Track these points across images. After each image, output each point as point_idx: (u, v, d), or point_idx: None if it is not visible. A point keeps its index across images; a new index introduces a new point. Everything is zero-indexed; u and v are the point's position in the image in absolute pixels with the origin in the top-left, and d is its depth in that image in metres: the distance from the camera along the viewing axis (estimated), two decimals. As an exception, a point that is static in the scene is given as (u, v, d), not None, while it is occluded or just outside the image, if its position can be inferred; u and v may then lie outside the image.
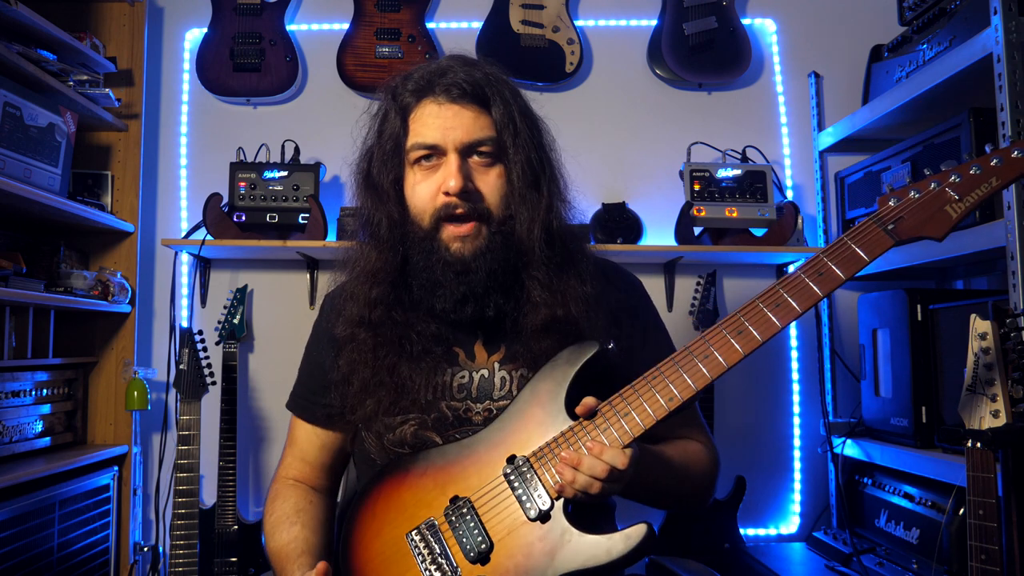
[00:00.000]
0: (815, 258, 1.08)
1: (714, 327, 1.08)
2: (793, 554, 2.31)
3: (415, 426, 1.20)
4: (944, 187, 1.09)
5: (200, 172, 2.59)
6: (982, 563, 1.28)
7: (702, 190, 2.39)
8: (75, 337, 2.38)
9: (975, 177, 1.08)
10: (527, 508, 1.06)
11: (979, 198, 1.08)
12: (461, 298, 1.19)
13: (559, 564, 1.03)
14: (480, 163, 1.20)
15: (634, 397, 1.07)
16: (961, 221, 1.08)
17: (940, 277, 2.47)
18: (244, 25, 2.52)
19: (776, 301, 1.07)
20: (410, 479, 1.15)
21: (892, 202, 1.10)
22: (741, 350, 1.05)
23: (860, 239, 1.08)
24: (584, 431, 1.08)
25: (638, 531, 1.02)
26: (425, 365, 1.20)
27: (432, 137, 1.19)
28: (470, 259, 1.18)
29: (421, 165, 1.21)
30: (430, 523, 1.10)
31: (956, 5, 2.01)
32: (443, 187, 1.17)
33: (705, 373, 1.06)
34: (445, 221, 1.18)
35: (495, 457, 1.11)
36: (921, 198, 1.09)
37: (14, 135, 1.95)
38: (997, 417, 1.29)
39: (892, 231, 1.08)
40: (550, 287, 1.20)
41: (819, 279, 1.07)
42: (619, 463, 1.02)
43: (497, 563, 1.05)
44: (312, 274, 2.52)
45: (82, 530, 2.11)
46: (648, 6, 2.65)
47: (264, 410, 2.51)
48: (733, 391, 2.55)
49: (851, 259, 1.07)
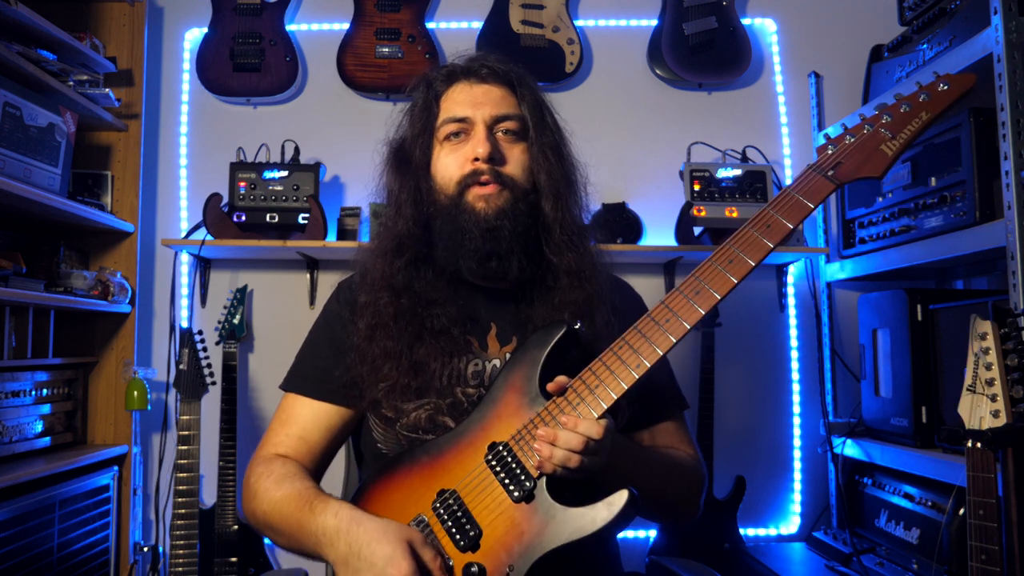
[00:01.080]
0: (762, 211, 1.12)
1: (673, 291, 1.11)
2: (793, 554, 2.31)
3: (430, 410, 1.21)
4: (877, 128, 1.13)
5: (200, 172, 2.59)
6: (982, 563, 1.28)
7: (702, 190, 2.39)
8: (75, 337, 2.38)
9: (905, 114, 1.12)
10: (511, 491, 1.07)
11: (912, 133, 1.12)
12: (485, 255, 1.22)
13: (548, 540, 1.04)
14: (506, 139, 1.27)
15: (603, 369, 1.09)
16: (898, 158, 1.12)
17: (940, 277, 2.47)
18: (244, 25, 2.52)
19: (729, 258, 1.10)
20: (397, 480, 1.16)
21: (830, 149, 1.15)
22: (700, 309, 1.08)
23: (803, 188, 1.12)
24: (558, 408, 1.09)
25: (620, 497, 1.02)
26: (442, 347, 1.22)
27: (462, 111, 1.26)
28: (493, 217, 1.21)
29: (450, 141, 1.26)
30: (419, 519, 1.11)
31: (956, 5, 2.01)
32: (471, 155, 1.23)
33: (669, 337, 1.08)
34: (470, 186, 1.23)
35: (476, 446, 1.12)
36: (856, 141, 1.14)
37: (14, 135, 1.95)
38: (997, 417, 1.29)
39: (832, 176, 1.12)
40: (569, 274, 1.25)
41: (767, 231, 1.10)
42: (594, 433, 1.03)
43: (487, 547, 1.06)
44: (312, 274, 2.52)
45: (82, 530, 2.11)
46: (648, 6, 2.65)
47: (264, 410, 2.51)
48: (733, 391, 2.55)
49: (796, 207, 1.11)
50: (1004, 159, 1.66)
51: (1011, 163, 1.63)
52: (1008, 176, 1.64)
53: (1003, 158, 1.66)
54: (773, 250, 1.10)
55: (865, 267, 2.27)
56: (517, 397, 1.13)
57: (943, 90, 1.11)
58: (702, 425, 2.35)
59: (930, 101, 1.12)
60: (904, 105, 1.12)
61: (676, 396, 1.40)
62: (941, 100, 1.12)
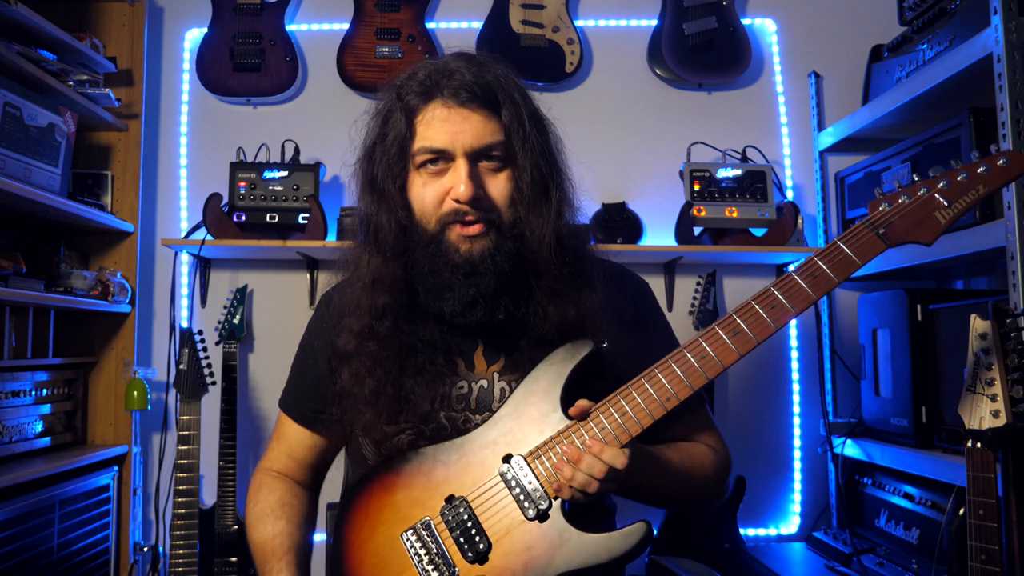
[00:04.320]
0: (809, 260, 1.10)
1: (710, 327, 1.09)
2: (793, 554, 2.31)
3: (412, 436, 1.17)
4: (933, 193, 1.10)
5: (200, 172, 2.59)
6: (982, 563, 1.28)
7: (702, 190, 2.39)
8: (75, 337, 2.38)
9: (963, 184, 1.10)
10: (525, 508, 1.06)
11: (967, 204, 1.10)
12: (471, 301, 1.14)
13: (559, 563, 1.03)
14: (489, 167, 1.16)
15: (631, 397, 1.08)
16: (950, 227, 1.10)
17: (940, 277, 2.47)
18: (244, 25, 2.52)
19: (771, 303, 1.08)
20: (403, 479, 1.14)
21: (883, 207, 1.12)
22: (737, 351, 1.07)
23: (853, 243, 1.10)
24: (581, 431, 1.08)
25: (637, 529, 1.03)
26: (425, 374, 1.18)
27: (440, 142, 1.14)
28: (478, 260, 1.14)
29: (427, 168, 1.16)
30: (426, 523, 1.10)
31: (956, 5, 2.01)
32: (452, 194, 1.14)
33: (702, 373, 1.07)
34: (452, 224, 1.15)
35: (490, 456, 1.11)
36: (911, 204, 1.11)
37: (14, 135, 1.95)
38: (997, 417, 1.29)
39: (883, 235, 1.10)
40: (559, 297, 1.17)
41: (813, 281, 1.08)
42: (618, 463, 1.02)
43: (495, 563, 1.05)
44: (312, 274, 2.52)
45: (82, 530, 2.11)
46: (648, 6, 2.65)
47: (264, 410, 2.51)
48: (733, 391, 2.55)
49: (844, 262, 1.09)
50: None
51: (1011, 163, 1.63)
52: (1008, 176, 1.64)
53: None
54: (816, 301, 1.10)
55: (865, 267, 2.27)
56: (536, 411, 1.11)
57: (1002, 166, 1.09)
58: (702, 425, 2.35)
59: (989, 175, 1.10)
60: (963, 175, 1.10)
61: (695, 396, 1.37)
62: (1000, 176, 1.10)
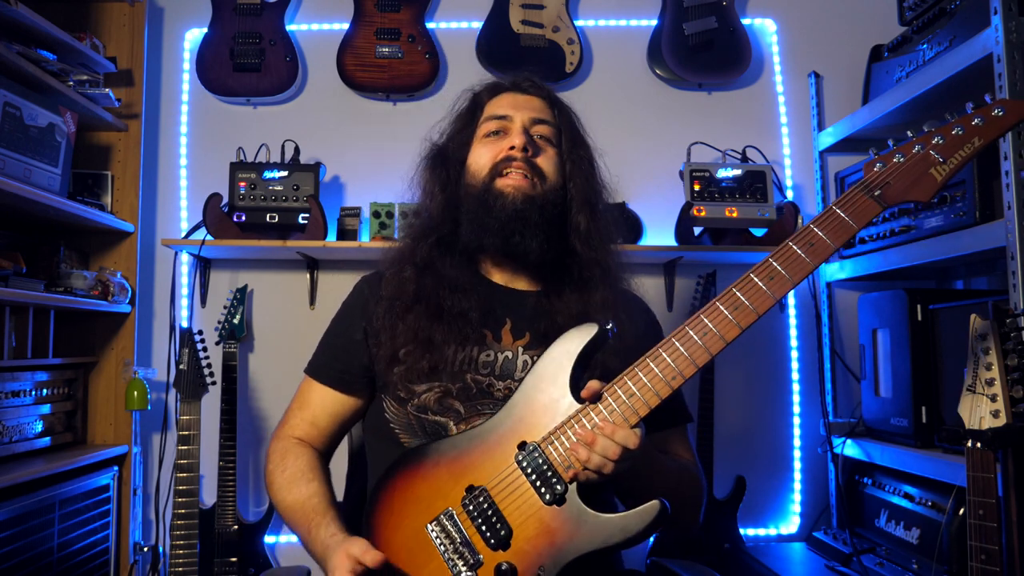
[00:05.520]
0: (805, 228, 1.09)
1: (710, 303, 1.09)
2: (793, 554, 2.31)
3: (439, 393, 1.25)
4: (928, 150, 1.09)
5: (200, 172, 2.59)
6: (982, 563, 1.28)
7: (702, 190, 2.39)
8: (75, 337, 2.38)
9: (958, 137, 1.08)
10: (542, 493, 1.09)
11: (963, 159, 1.08)
12: (509, 232, 1.28)
13: (579, 545, 1.06)
14: (541, 141, 1.36)
15: (638, 377, 1.09)
16: (947, 183, 1.09)
17: (940, 277, 2.47)
18: (244, 25, 2.52)
19: (770, 274, 1.08)
20: (423, 471, 1.17)
21: (878, 167, 1.11)
22: (739, 325, 1.07)
23: (848, 207, 1.09)
24: (591, 413, 1.10)
25: (652, 508, 1.06)
26: (457, 330, 1.27)
27: (503, 111, 1.37)
28: (521, 200, 1.29)
29: (488, 138, 1.36)
30: (448, 513, 1.12)
31: (956, 5, 2.01)
32: (507, 146, 1.32)
33: (705, 349, 1.07)
34: (500, 176, 1.31)
35: (506, 444, 1.13)
36: (906, 162, 1.09)
37: (14, 135, 1.95)
38: (997, 417, 1.29)
39: (879, 197, 1.09)
40: (585, 284, 1.31)
41: (810, 249, 1.08)
42: (631, 443, 1.05)
43: (517, 548, 1.08)
44: (312, 274, 2.52)
45: (82, 530, 2.11)
46: (648, 6, 2.65)
47: (264, 410, 2.51)
48: (733, 391, 2.55)
49: (840, 227, 1.08)
50: (1004, 159, 1.66)
51: (1011, 163, 1.64)
52: (1008, 176, 1.64)
53: (1003, 158, 1.66)
54: (815, 268, 1.08)
55: (865, 267, 2.27)
56: (546, 396, 1.14)
57: (997, 115, 1.07)
58: (702, 425, 2.35)
59: (984, 126, 1.07)
60: (957, 128, 1.08)
61: (682, 407, 1.43)
62: (996, 126, 1.07)
